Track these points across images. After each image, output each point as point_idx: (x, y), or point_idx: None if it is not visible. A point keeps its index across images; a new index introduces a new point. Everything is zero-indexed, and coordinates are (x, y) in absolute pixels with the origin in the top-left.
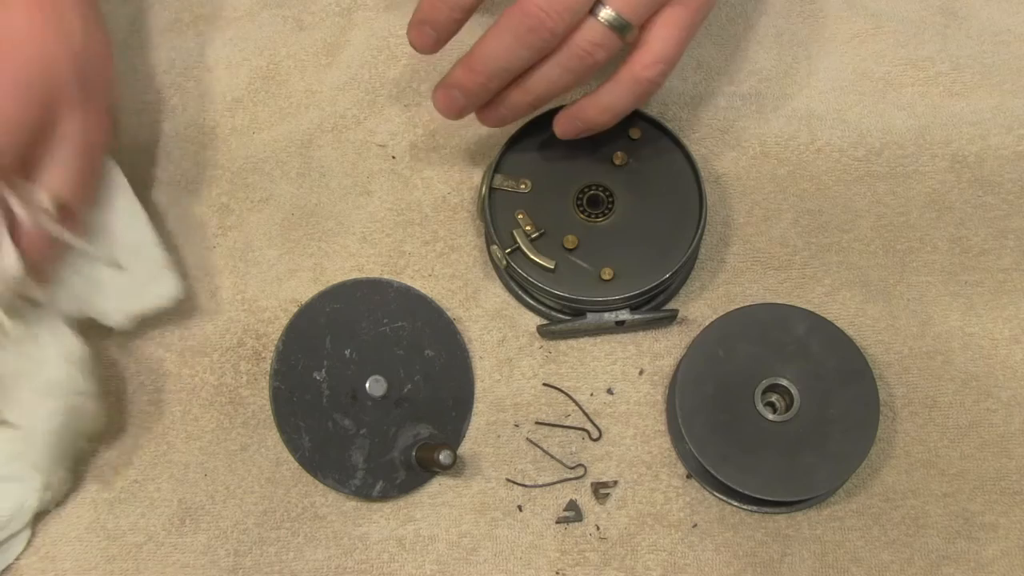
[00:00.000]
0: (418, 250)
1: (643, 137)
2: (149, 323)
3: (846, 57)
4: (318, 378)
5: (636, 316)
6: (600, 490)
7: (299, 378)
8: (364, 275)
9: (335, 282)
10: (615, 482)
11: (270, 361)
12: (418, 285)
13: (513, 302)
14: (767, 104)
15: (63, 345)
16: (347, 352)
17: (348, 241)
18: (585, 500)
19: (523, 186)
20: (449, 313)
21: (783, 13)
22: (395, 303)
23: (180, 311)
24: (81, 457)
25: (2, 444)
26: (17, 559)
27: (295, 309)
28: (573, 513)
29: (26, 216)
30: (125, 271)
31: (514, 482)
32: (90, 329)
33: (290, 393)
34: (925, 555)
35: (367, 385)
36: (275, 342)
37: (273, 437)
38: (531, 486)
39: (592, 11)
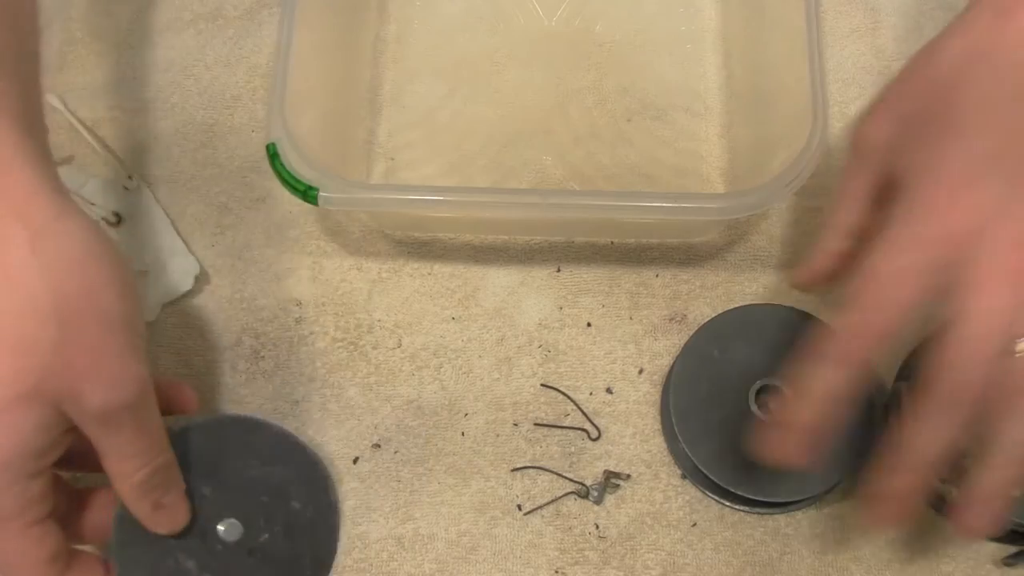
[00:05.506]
0: (417, 249)
1: None
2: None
3: (846, 52)
4: None
5: None
6: (612, 479)
7: None
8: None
9: (208, 415)
10: (628, 475)
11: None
12: (417, 283)
13: (512, 300)
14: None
15: None
16: (205, 490)
17: (348, 240)
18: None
19: None
20: (448, 312)
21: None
22: (270, 447)
23: (179, 309)
24: None
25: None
26: None
27: (295, 308)
28: (597, 494)
29: None
30: (152, 269)
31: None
32: None
33: (134, 521)
34: (925, 554)
35: (220, 528)
36: (274, 341)
37: None
38: (535, 509)
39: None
